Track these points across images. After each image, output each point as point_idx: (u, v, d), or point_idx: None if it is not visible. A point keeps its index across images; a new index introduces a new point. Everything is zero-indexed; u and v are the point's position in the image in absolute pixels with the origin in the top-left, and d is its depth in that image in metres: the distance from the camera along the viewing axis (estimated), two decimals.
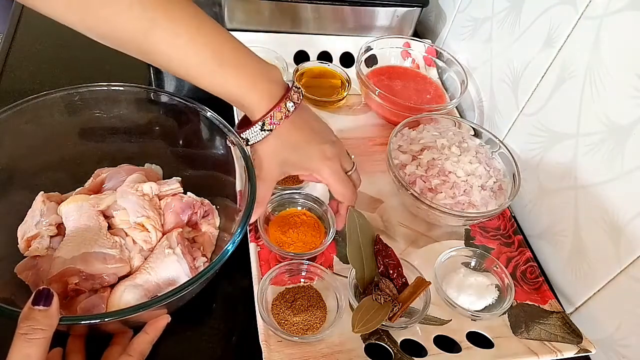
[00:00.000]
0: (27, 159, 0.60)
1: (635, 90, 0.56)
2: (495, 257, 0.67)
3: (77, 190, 0.62)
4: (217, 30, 0.51)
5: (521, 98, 0.75)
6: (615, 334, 0.60)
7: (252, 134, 0.55)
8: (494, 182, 0.70)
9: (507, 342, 0.60)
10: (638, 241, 0.56)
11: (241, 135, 0.56)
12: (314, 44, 0.93)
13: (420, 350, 0.58)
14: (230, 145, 0.59)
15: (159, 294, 0.52)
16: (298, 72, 0.86)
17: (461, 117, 0.89)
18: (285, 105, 0.54)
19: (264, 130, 0.54)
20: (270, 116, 0.53)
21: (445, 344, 0.59)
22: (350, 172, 0.62)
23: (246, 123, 0.56)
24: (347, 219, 0.64)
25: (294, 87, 0.55)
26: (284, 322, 0.57)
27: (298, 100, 0.55)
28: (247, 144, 0.56)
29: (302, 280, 0.61)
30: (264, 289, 0.58)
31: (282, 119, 0.54)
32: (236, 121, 0.76)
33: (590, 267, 0.63)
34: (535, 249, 0.72)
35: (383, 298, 0.57)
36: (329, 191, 0.63)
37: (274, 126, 0.54)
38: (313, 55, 0.92)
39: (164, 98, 0.64)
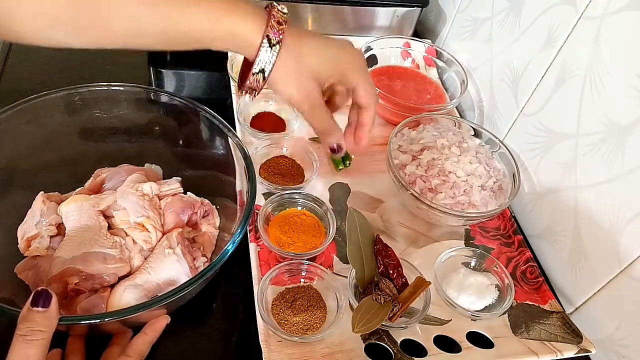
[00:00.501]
0: (27, 159, 0.60)
1: (635, 90, 0.56)
2: (495, 257, 0.67)
3: (77, 190, 0.62)
4: None
5: (521, 98, 0.75)
6: (615, 334, 0.60)
7: (264, 57, 0.48)
8: (494, 182, 0.70)
9: (507, 342, 0.60)
10: (638, 241, 0.56)
11: (253, 72, 0.49)
12: None
13: (420, 350, 0.58)
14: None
15: (159, 294, 0.52)
16: None
17: (461, 117, 0.89)
18: (279, 11, 0.48)
19: (273, 46, 0.47)
20: (271, 27, 0.47)
21: (445, 344, 0.59)
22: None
23: (248, 68, 0.49)
24: (347, 219, 0.64)
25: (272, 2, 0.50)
26: (284, 322, 0.57)
27: (282, 5, 0.49)
28: (264, 79, 0.49)
29: (302, 280, 0.61)
30: (263, 289, 0.58)
31: (283, 26, 0.47)
32: (236, 119, 0.76)
33: (590, 267, 0.63)
34: (535, 249, 0.72)
35: (383, 298, 0.57)
36: (356, 97, 0.55)
37: (281, 37, 0.47)
38: None
39: (164, 98, 0.64)
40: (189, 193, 0.64)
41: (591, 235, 0.63)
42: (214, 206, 0.64)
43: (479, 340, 0.60)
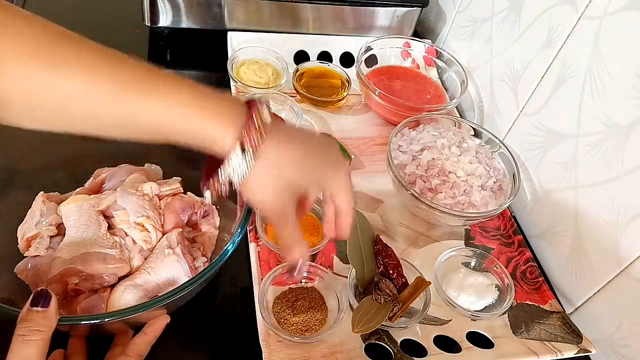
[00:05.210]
0: (27, 159, 0.60)
1: (635, 90, 0.55)
2: (495, 257, 0.67)
3: (77, 190, 0.62)
4: (121, 59, 0.40)
5: (521, 98, 0.75)
6: (615, 334, 0.60)
7: (235, 166, 0.42)
8: (494, 182, 0.70)
9: (507, 342, 0.60)
10: (638, 241, 0.56)
11: (218, 178, 0.43)
12: (314, 44, 0.93)
13: (420, 350, 0.58)
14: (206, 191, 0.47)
15: (159, 294, 0.52)
16: (298, 72, 0.86)
17: (461, 117, 0.89)
18: (260, 115, 0.42)
19: (245, 152, 0.41)
20: (247, 132, 0.41)
21: (445, 344, 0.59)
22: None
23: (215, 163, 0.43)
24: None
25: (256, 99, 0.44)
26: (283, 322, 0.57)
27: (270, 109, 0.44)
28: (231, 187, 0.44)
29: (303, 280, 0.61)
30: (265, 289, 0.58)
31: (261, 134, 0.41)
32: None
33: (590, 267, 0.63)
34: (535, 249, 0.72)
35: (383, 298, 0.57)
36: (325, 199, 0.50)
37: (257, 145, 0.41)
38: (313, 55, 0.92)
39: None
40: (189, 193, 0.64)
41: (591, 235, 0.63)
42: (214, 206, 0.64)
43: (479, 340, 0.60)
